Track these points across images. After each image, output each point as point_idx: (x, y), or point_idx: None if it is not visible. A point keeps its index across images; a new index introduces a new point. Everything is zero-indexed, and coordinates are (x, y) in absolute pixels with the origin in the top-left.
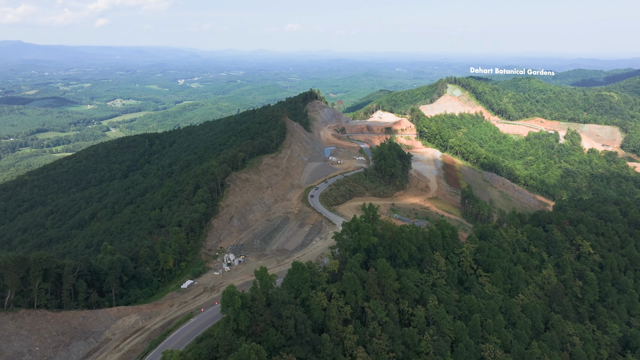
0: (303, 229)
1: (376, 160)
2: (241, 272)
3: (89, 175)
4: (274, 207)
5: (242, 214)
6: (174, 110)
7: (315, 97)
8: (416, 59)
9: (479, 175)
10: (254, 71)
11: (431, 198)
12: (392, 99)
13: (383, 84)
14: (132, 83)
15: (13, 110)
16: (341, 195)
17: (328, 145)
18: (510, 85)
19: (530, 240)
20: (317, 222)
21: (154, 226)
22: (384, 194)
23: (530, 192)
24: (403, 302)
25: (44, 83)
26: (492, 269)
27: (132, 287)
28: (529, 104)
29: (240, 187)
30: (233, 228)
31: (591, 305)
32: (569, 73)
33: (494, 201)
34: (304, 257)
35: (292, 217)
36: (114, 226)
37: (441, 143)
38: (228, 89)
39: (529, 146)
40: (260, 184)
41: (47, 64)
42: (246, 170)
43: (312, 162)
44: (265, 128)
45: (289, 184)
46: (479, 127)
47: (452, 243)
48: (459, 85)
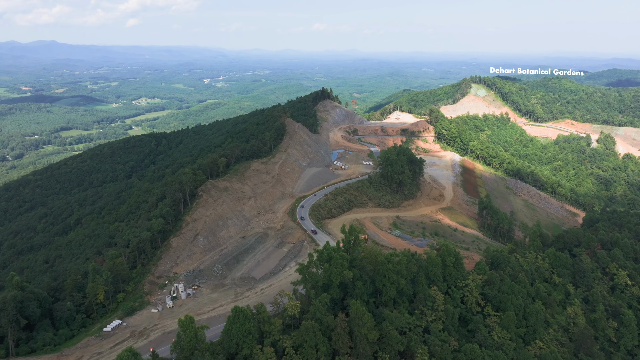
0: (280, 250)
1: (382, 166)
2: (185, 310)
3: (91, 176)
4: (255, 221)
5: (211, 231)
6: (195, 109)
7: (327, 97)
8: (444, 59)
9: (501, 182)
10: (280, 71)
11: (445, 208)
12: (413, 99)
13: (408, 84)
14: (159, 82)
15: (40, 109)
16: (337, 206)
17: (337, 147)
18: (539, 85)
19: (553, 268)
20: (298, 242)
21: (104, 244)
22: (390, 204)
23: (558, 201)
24: (382, 356)
25: (73, 82)
26: (504, 307)
27: (44, 328)
28: (558, 105)
29: (215, 197)
30: (196, 248)
31: (629, 352)
32: (602, 73)
33: (516, 212)
34: (270, 288)
35: (273, 234)
36: (77, 239)
37: (461, 146)
38: (252, 88)
39: (557, 150)
40: (242, 194)
41: (79, 63)
42: (227, 178)
43: (312, 168)
44: (262, 129)
45: (279, 193)
46: (504, 130)
47: (454, 273)
48: (483, 85)
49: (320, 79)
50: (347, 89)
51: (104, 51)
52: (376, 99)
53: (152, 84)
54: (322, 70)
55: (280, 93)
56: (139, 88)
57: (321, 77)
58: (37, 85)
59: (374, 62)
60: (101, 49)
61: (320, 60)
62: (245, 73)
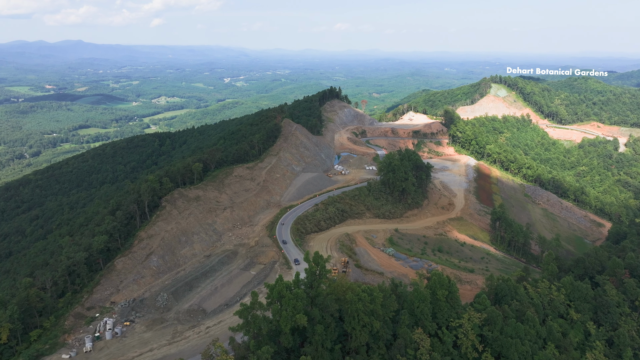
0: (246, 274)
1: (383, 172)
2: (105, 356)
3: (91, 176)
4: (227, 236)
5: (169, 249)
6: (213, 108)
7: (336, 96)
8: (467, 59)
9: (519, 189)
10: (300, 70)
11: (454, 219)
12: (430, 99)
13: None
14: (179, 81)
15: (61, 107)
16: (328, 218)
17: (342, 150)
18: (563, 85)
19: (570, 301)
20: (270, 263)
21: (42, 264)
22: (391, 214)
23: (581, 210)
24: None
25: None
26: (506, 353)
27: None
28: (584, 107)
29: (181, 208)
30: (147, 270)
31: None
32: (632, 73)
33: (534, 223)
34: (218, 327)
35: (244, 252)
36: (32, 251)
37: (477, 150)
38: (271, 88)
39: (582, 154)
40: (216, 204)
41: (103, 62)
42: (202, 186)
43: (307, 173)
44: (255, 130)
45: (263, 202)
46: (524, 132)
47: (447, 310)
48: (504, 84)
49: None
50: (366, 89)
51: (129, 50)
52: (395, 99)
53: (173, 82)
54: (342, 70)
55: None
56: (159, 87)
57: (341, 76)
58: (61, 84)
59: (396, 61)
60: (126, 49)
61: (341, 60)
62: (265, 72)
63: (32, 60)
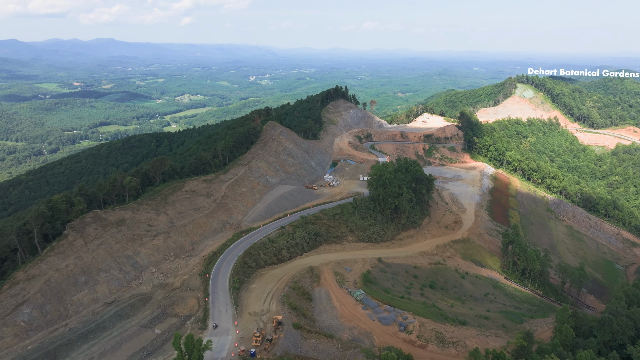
0: (147, 333)
1: (372, 187)
2: None
3: (82, 178)
4: (150, 272)
5: (54, 295)
6: (234, 106)
7: (342, 96)
8: (497, 59)
9: (541, 202)
10: (326, 69)
11: (458, 241)
12: (451, 100)
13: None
14: (204, 79)
15: (84, 104)
16: (294, 245)
17: (340, 156)
18: (597, 86)
19: None
20: (183, 317)
21: None
22: (380, 237)
23: (613, 226)
24: None
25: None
26: None
27: None
28: (619, 109)
29: (90, 237)
30: (10, 328)
31: None
32: None
33: (556, 244)
34: None
35: (160, 297)
36: None
37: (495, 156)
38: (295, 86)
39: (615, 163)
40: (146, 229)
41: (132, 60)
42: (133, 205)
43: (283, 186)
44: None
45: (218, 223)
46: (551, 137)
47: None
48: (531, 85)
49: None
50: (391, 88)
51: (158, 49)
52: (419, 98)
53: (198, 80)
54: (369, 68)
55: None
56: (183, 85)
57: (367, 75)
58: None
59: (424, 61)
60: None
61: (369, 59)
62: (291, 71)
63: (65, 57)
